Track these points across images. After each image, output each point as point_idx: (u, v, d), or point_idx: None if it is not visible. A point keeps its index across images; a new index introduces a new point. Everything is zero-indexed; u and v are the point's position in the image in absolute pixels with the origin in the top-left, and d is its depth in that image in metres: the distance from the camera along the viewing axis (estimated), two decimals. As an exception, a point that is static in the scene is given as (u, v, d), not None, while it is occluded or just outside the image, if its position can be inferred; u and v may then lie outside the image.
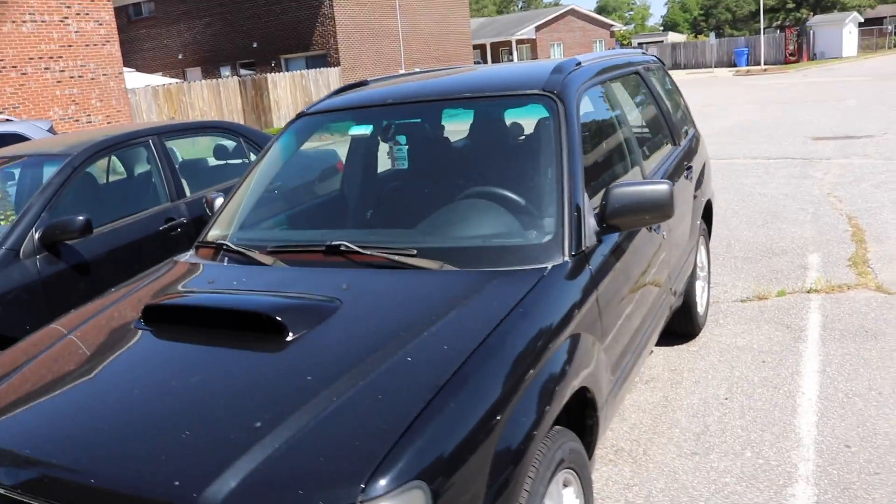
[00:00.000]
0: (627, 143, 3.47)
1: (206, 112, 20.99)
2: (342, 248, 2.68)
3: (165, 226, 5.07)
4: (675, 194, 3.00)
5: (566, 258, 2.51)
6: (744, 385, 4.02)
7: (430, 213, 2.91)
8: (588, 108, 3.29)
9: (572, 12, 49.28)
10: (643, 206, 2.62)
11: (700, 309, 4.67)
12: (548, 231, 2.59)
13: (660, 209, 2.63)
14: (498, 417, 1.87)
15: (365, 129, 3.46)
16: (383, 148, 3.69)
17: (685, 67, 49.30)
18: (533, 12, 47.88)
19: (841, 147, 11.69)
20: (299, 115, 3.60)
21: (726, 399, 3.89)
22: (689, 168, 4.26)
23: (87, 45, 17.45)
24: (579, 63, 3.36)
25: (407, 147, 3.38)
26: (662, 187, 2.62)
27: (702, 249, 4.75)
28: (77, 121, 17.33)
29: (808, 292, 5.36)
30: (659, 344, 4.64)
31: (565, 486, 2.34)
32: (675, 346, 4.60)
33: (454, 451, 1.74)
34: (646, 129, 3.97)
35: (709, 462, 3.33)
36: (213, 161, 6.48)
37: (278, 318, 2.20)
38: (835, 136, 12.97)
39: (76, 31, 17.20)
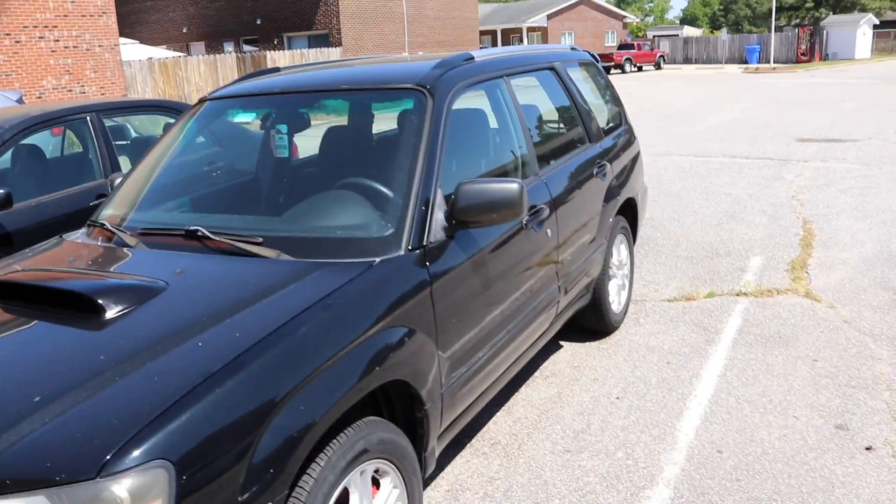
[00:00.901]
0: (518, 140, 3.48)
1: (202, 87, 21.01)
2: (199, 233, 2.73)
3: (96, 202, 5.11)
4: (528, 193, 3.03)
5: (401, 252, 2.53)
6: (639, 386, 4.04)
7: (296, 202, 2.95)
8: (472, 103, 3.30)
9: (585, 2, 48.97)
10: (491, 205, 2.64)
11: (615, 307, 4.69)
12: (389, 224, 2.62)
13: (509, 208, 2.65)
14: (267, 405, 1.91)
15: (248, 117, 3.49)
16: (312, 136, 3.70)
17: (696, 62, 48.96)
18: (546, 0, 47.57)
19: (822, 150, 11.62)
20: (201, 101, 3.63)
21: (617, 398, 3.91)
22: (602, 166, 4.26)
23: (83, 16, 17.47)
24: (471, 58, 3.37)
25: (287, 136, 3.42)
26: (512, 186, 2.64)
27: (621, 248, 4.76)
28: (70, 91, 17.39)
29: (737, 295, 5.37)
30: (570, 340, 4.67)
31: (381, 475, 2.38)
32: (586, 343, 4.62)
33: (210, 435, 1.79)
34: (551, 127, 3.98)
35: (578, 460, 3.36)
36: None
37: (97, 300, 2.24)
38: (820, 138, 12.89)
39: (72, 1, 17.22)
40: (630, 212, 4.93)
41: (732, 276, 5.78)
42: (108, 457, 1.67)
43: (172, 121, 6.31)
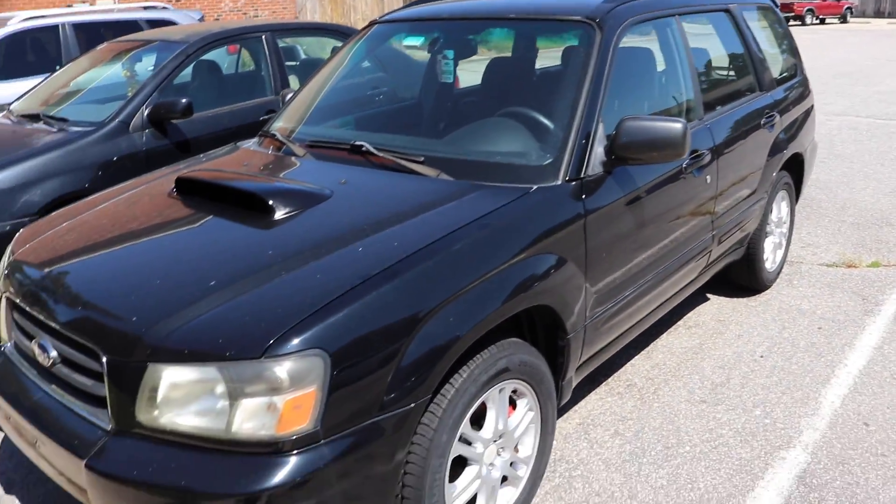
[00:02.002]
0: (685, 82, 3.37)
1: (367, 16, 21.42)
2: (363, 148, 2.85)
3: (265, 117, 5.39)
4: (693, 135, 2.93)
5: (558, 182, 2.55)
6: (786, 347, 3.90)
7: (458, 126, 3.01)
8: (641, 40, 3.22)
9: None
10: (653, 143, 2.59)
11: (769, 265, 4.50)
12: (549, 154, 2.63)
13: (671, 147, 2.59)
14: (419, 313, 2.01)
15: (416, 41, 3.56)
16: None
17: (890, 16, 44.75)
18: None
19: None
20: (371, 23, 3.74)
21: (761, 357, 3.80)
22: (770, 117, 4.05)
23: (260, -59, 18.15)
24: (646, -7, 3.27)
25: (452, 62, 3.46)
26: (675, 125, 2.58)
27: (782, 205, 4.54)
28: (245, 13, 18.25)
29: (905, 267, 5.02)
30: (717, 293, 4.54)
31: (518, 397, 2.46)
32: (735, 299, 4.49)
33: (364, 334, 1.91)
34: (721, 72, 3.82)
35: (714, 412, 3.32)
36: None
37: (268, 200, 2.41)
38: None
39: (252, -73, 17.89)
40: (796, 168, 4.68)
41: (903, 248, 5.39)
42: (271, 340, 1.83)
43: (339, 44, 6.52)
